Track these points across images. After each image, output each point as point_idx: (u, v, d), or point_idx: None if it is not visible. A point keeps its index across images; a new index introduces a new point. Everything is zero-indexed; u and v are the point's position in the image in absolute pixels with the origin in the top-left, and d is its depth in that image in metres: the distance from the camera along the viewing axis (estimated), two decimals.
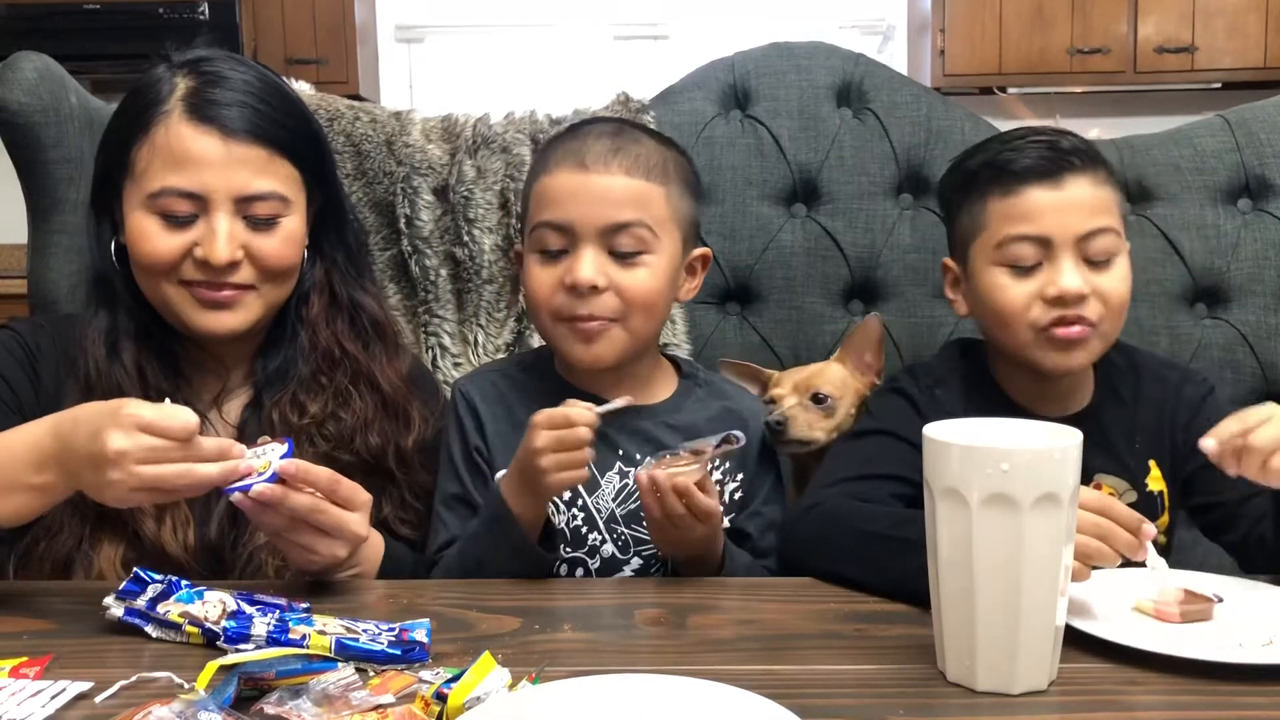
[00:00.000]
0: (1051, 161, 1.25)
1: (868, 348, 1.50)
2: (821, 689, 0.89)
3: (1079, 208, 1.24)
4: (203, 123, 1.20)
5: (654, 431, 1.30)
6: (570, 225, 1.23)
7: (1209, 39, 4.11)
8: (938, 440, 0.88)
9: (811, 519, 1.22)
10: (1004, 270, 1.26)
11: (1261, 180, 1.72)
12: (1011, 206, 1.25)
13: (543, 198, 1.25)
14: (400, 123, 1.70)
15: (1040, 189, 1.24)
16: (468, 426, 1.30)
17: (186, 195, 1.20)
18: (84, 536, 1.19)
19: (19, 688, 0.87)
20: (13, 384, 1.24)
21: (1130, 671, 0.91)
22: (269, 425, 1.26)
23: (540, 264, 1.25)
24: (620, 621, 1.07)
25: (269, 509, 1.05)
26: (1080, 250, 1.24)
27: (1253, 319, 1.69)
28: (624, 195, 1.23)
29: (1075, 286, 1.22)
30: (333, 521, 1.08)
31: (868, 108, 1.75)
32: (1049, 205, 1.24)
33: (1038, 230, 1.24)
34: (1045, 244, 1.24)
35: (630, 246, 1.23)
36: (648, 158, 1.26)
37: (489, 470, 1.28)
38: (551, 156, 1.27)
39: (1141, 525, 1.01)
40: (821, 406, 1.44)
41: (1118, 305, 1.26)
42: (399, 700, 0.85)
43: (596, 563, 1.27)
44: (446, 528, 1.27)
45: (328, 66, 4.24)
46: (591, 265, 1.22)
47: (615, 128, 1.29)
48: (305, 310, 1.31)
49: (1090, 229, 1.23)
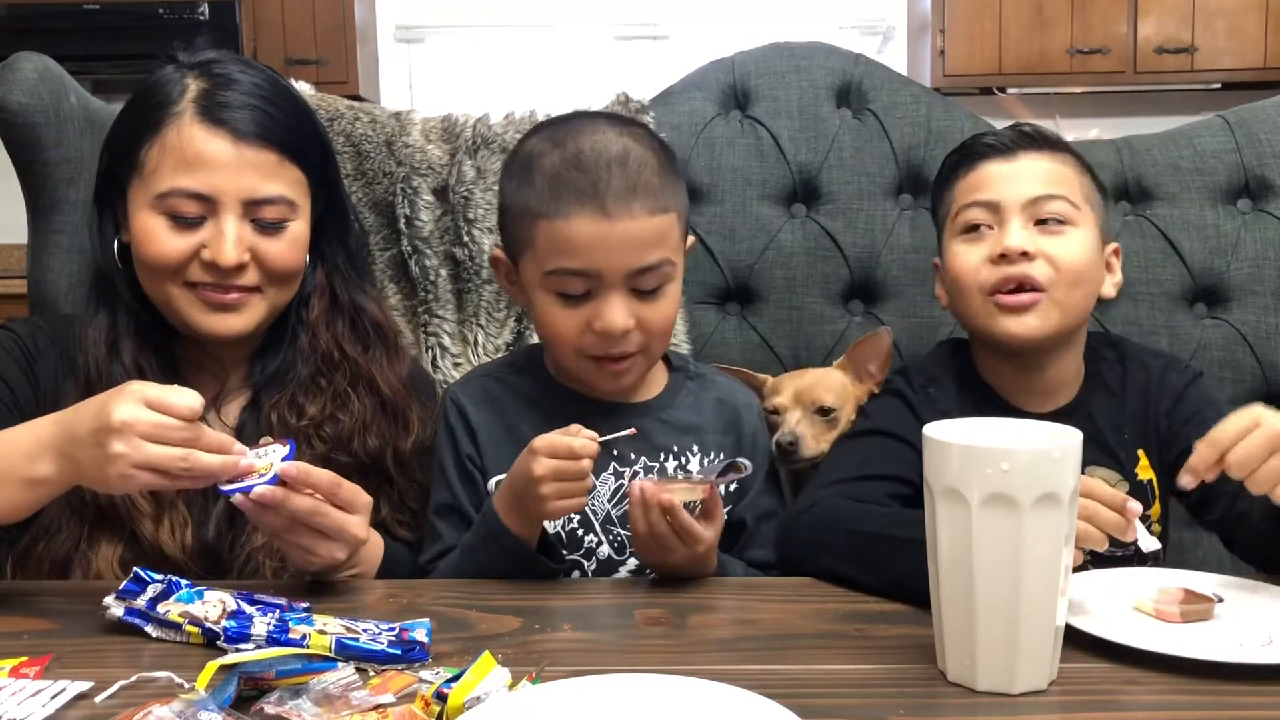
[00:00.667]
0: (1011, 140, 1.32)
1: (875, 359, 1.48)
2: (822, 689, 0.89)
3: (1030, 176, 1.30)
4: (214, 125, 1.20)
5: (648, 427, 1.30)
6: (597, 273, 1.19)
7: (1209, 39, 4.12)
8: (938, 440, 0.88)
9: (809, 520, 1.22)
10: (961, 239, 1.32)
11: (1261, 180, 1.72)
12: (969, 181, 1.32)
13: (561, 245, 1.19)
14: (400, 123, 1.70)
15: (995, 162, 1.31)
16: (459, 435, 1.29)
17: (196, 197, 1.20)
18: (82, 537, 1.19)
19: (19, 687, 0.87)
20: (11, 384, 1.24)
21: (1130, 671, 0.91)
22: (267, 426, 1.26)
23: (561, 306, 1.22)
24: (620, 621, 1.07)
25: (269, 510, 1.05)
26: (1030, 214, 1.28)
27: (1252, 319, 1.69)
28: (648, 237, 1.20)
29: (1018, 244, 1.26)
30: (333, 524, 1.08)
31: (868, 108, 1.75)
32: (1002, 174, 1.31)
33: (988, 196, 1.30)
34: (995, 209, 1.29)
35: (654, 284, 1.22)
36: (658, 182, 1.21)
37: (481, 477, 1.28)
38: (563, 197, 1.19)
39: (1126, 504, 1.01)
40: (826, 419, 1.43)
41: (1069, 271, 1.27)
42: (399, 700, 0.85)
43: (593, 564, 1.27)
44: (441, 538, 1.26)
45: (327, 67, 4.24)
46: (622, 312, 1.20)
47: (620, 149, 1.21)
48: (306, 313, 1.31)
49: (1039, 194, 1.28)
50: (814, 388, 1.44)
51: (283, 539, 1.09)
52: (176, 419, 0.99)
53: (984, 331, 1.31)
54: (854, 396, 1.46)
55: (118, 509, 1.19)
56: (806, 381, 1.46)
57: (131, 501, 1.19)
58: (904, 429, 1.29)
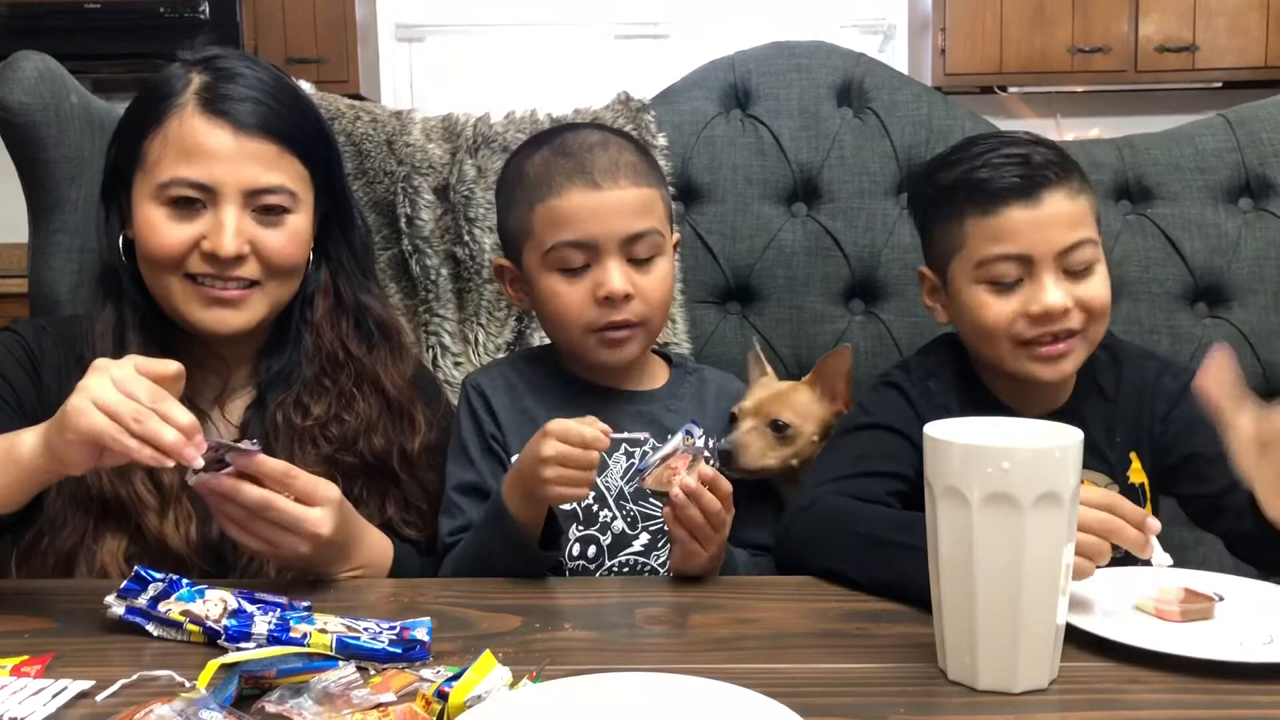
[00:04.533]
0: (1027, 179, 1.24)
1: (838, 378, 1.45)
2: (822, 688, 0.89)
3: (1057, 223, 1.24)
4: (215, 116, 1.21)
5: (657, 414, 1.36)
6: (594, 241, 1.27)
7: (1210, 38, 4.11)
8: (939, 439, 0.88)
9: (808, 519, 1.22)
10: (985, 288, 1.26)
11: (1262, 179, 1.72)
12: (990, 227, 1.25)
13: (557, 219, 1.28)
14: (401, 122, 1.70)
15: (1018, 208, 1.24)
16: (482, 417, 1.33)
17: (196, 186, 1.20)
18: (87, 531, 1.19)
19: (20, 686, 0.87)
20: (14, 384, 1.24)
21: (1131, 670, 0.91)
22: (273, 426, 1.26)
23: (565, 281, 1.29)
24: (621, 620, 1.07)
25: (228, 501, 1.06)
26: (1060, 264, 1.24)
27: (1253, 318, 1.69)
28: (636, 205, 1.28)
29: (1058, 302, 1.23)
30: (287, 517, 1.08)
31: (868, 107, 1.75)
32: (1028, 223, 1.23)
33: (1018, 249, 1.24)
34: (1026, 261, 1.24)
35: (646, 252, 1.30)
36: (638, 163, 1.31)
37: (506, 457, 1.31)
38: (554, 178, 1.28)
39: (1146, 520, 1.01)
40: (779, 435, 1.39)
41: (1100, 311, 1.27)
42: (400, 699, 0.85)
43: (608, 539, 1.30)
44: (463, 513, 1.28)
45: (328, 66, 4.23)
46: (620, 276, 1.27)
47: (600, 137, 1.32)
48: (310, 313, 1.31)
49: (1070, 243, 1.24)
50: (774, 401, 1.41)
51: (243, 532, 1.09)
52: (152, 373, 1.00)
53: (1011, 371, 1.28)
54: (819, 417, 1.43)
55: (122, 502, 1.19)
56: (771, 394, 1.43)
57: (136, 494, 1.19)
58: (902, 422, 1.29)
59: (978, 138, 1.35)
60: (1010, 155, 1.26)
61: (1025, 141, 1.30)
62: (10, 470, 1.04)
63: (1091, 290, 1.25)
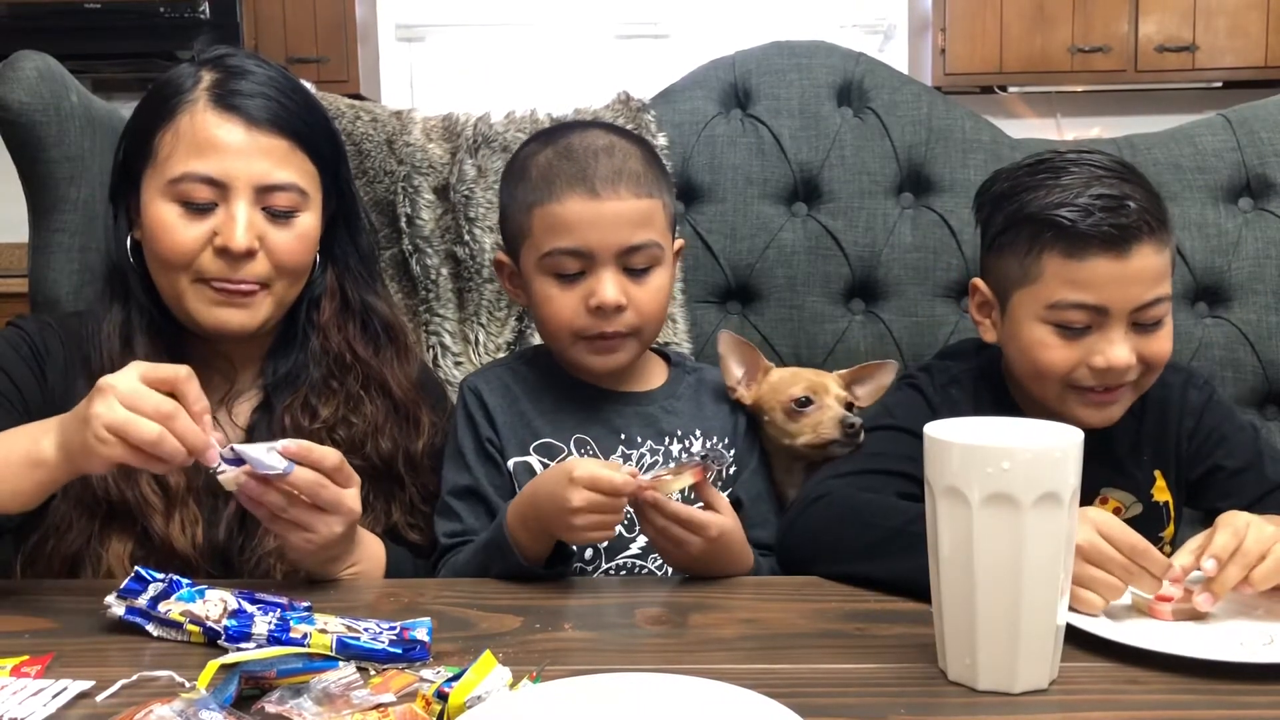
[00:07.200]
0: (1121, 230, 1.18)
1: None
2: (823, 688, 0.89)
3: (1143, 279, 1.20)
4: (227, 111, 1.21)
5: (655, 415, 1.36)
6: (589, 250, 1.26)
7: (1210, 38, 4.11)
8: (938, 439, 0.88)
9: (818, 511, 1.21)
10: (1051, 330, 1.23)
11: (1262, 179, 1.72)
12: (1074, 271, 1.20)
13: (555, 225, 1.27)
14: (401, 122, 1.70)
15: (1105, 260, 1.19)
16: (478, 420, 1.33)
17: (208, 181, 1.20)
18: (93, 533, 1.19)
19: (20, 686, 0.87)
20: (17, 381, 1.24)
21: (1131, 670, 0.91)
22: (280, 428, 1.26)
23: (558, 287, 1.29)
24: (621, 620, 1.07)
25: (270, 488, 1.06)
26: (1133, 318, 1.21)
27: (1254, 318, 1.69)
28: (635, 217, 1.27)
29: (1124, 360, 1.20)
30: (332, 497, 1.08)
31: (868, 106, 1.75)
32: (1112, 277, 1.19)
33: (1096, 300, 1.20)
34: (1100, 312, 1.21)
35: (643, 263, 1.29)
36: (642, 171, 1.30)
37: (501, 460, 1.31)
38: (555, 183, 1.28)
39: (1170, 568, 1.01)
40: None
41: (1159, 364, 1.24)
42: (400, 699, 0.85)
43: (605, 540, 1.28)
44: (459, 518, 1.28)
45: (328, 65, 4.23)
46: (614, 287, 1.26)
47: (606, 142, 1.30)
48: (316, 314, 1.31)
49: (1148, 300, 1.20)
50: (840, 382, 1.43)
51: (280, 520, 1.09)
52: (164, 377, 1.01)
53: (1053, 409, 1.25)
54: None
55: (128, 504, 1.19)
56: (832, 376, 1.44)
57: (142, 497, 1.19)
58: (920, 425, 1.27)
59: (1064, 158, 1.26)
60: (1104, 197, 1.20)
61: (1117, 176, 1.23)
62: (36, 473, 1.05)
63: (1156, 346, 1.23)
